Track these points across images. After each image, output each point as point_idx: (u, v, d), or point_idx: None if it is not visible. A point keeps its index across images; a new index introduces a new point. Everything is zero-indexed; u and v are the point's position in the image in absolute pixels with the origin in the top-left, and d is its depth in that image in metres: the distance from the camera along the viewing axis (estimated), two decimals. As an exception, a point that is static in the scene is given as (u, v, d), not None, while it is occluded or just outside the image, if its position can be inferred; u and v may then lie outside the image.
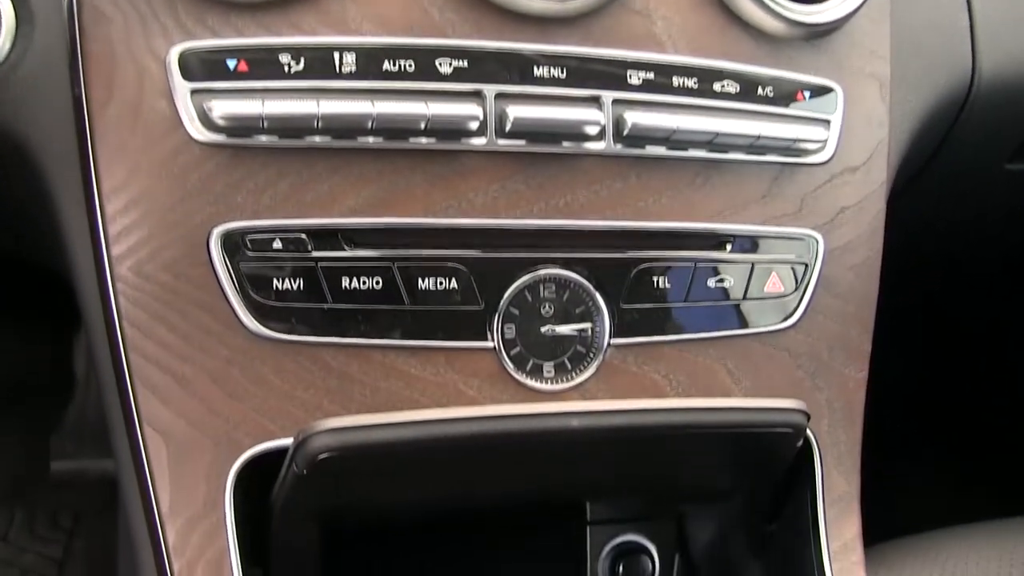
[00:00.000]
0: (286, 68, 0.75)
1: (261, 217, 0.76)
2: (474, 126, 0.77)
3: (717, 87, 0.84)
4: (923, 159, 1.04)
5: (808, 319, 0.88)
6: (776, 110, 0.86)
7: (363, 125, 0.75)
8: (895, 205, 0.94)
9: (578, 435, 0.79)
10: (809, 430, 0.88)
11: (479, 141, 0.78)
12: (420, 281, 0.78)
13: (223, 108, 0.73)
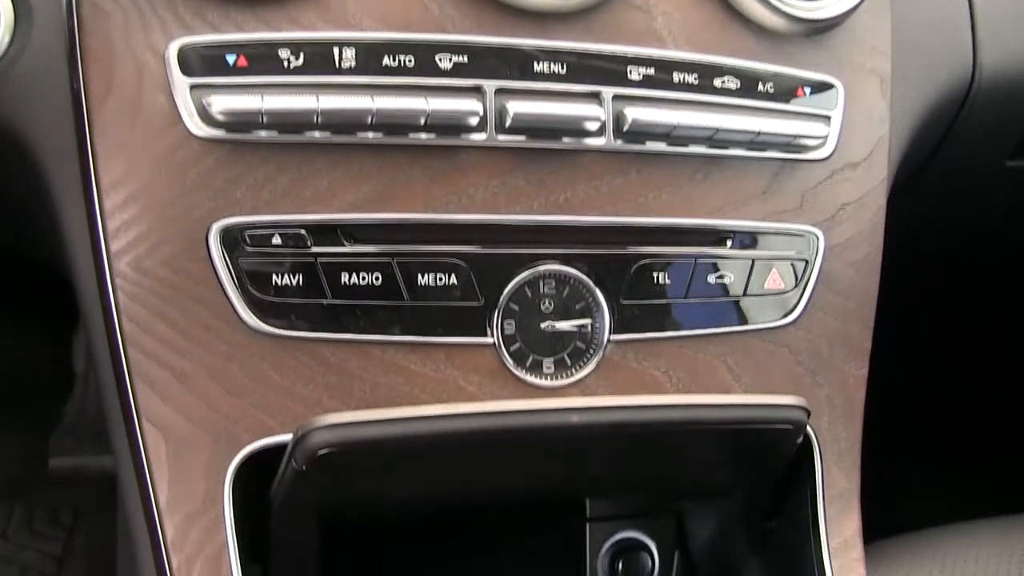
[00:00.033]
0: (286, 63, 0.74)
1: (260, 212, 0.75)
2: (474, 122, 0.77)
3: (717, 83, 0.84)
4: (924, 155, 1.04)
5: (808, 316, 0.88)
6: (776, 106, 0.85)
7: (363, 120, 0.75)
8: (896, 202, 0.94)
9: (578, 431, 0.79)
10: (809, 427, 0.88)
11: (479, 137, 0.78)
12: (420, 277, 0.78)
13: (222, 103, 0.73)
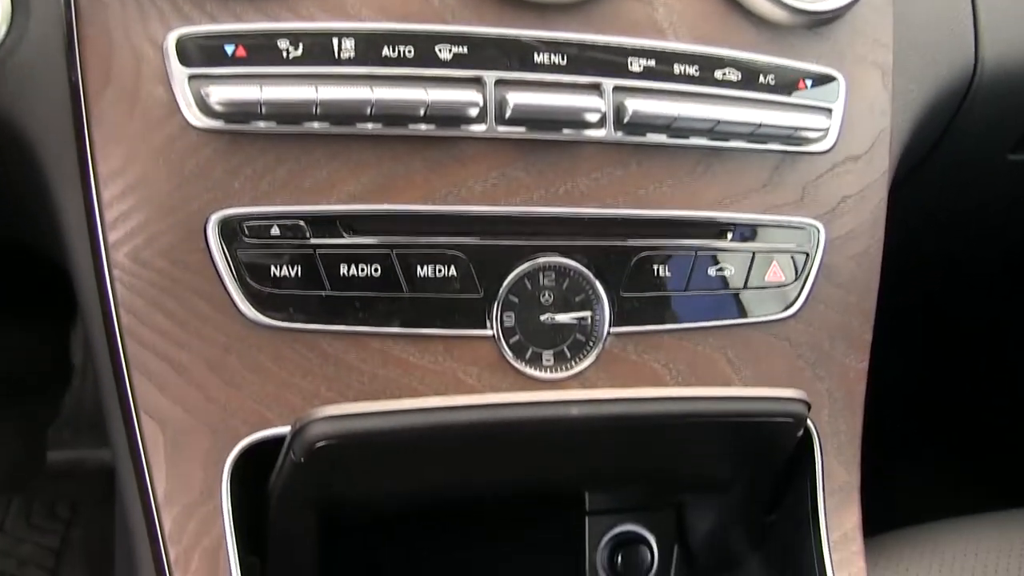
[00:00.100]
0: (284, 54, 0.74)
1: (259, 203, 0.75)
2: (474, 113, 0.77)
3: (718, 75, 0.83)
4: (925, 148, 1.03)
5: (809, 308, 0.88)
6: (778, 98, 0.85)
7: (362, 111, 0.74)
8: (897, 195, 0.94)
9: (577, 423, 0.78)
10: (809, 420, 0.88)
11: (479, 128, 0.78)
12: (419, 268, 0.78)
13: (221, 94, 0.72)
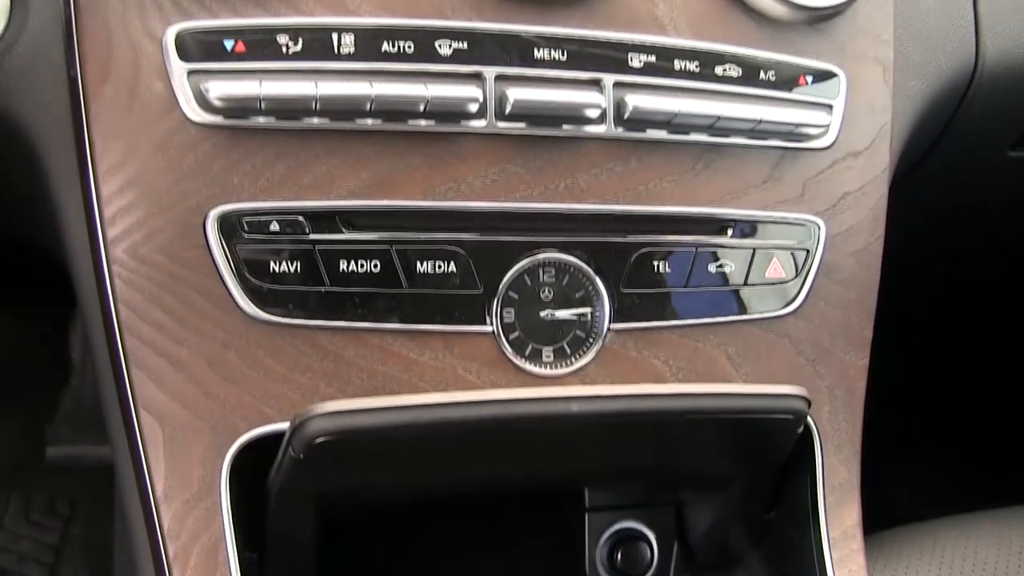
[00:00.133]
0: (284, 49, 0.74)
1: (258, 199, 0.75)
2: (474, 108, 0.76)
3: (719, 71, 0.83)
4: (926, 145, 1.03)
5: (809, 305, 0.88)
6: (778, 94, 0.85)
7: (362, 107, 0.74)
8: (897, 192, 0.94)
9: (577, 420, 0.78)
10: (810, 417, 0.88)
11: (479, 123, 0.77)
12: (418, 264, 0.78)
13: (220, 89, 0.72)
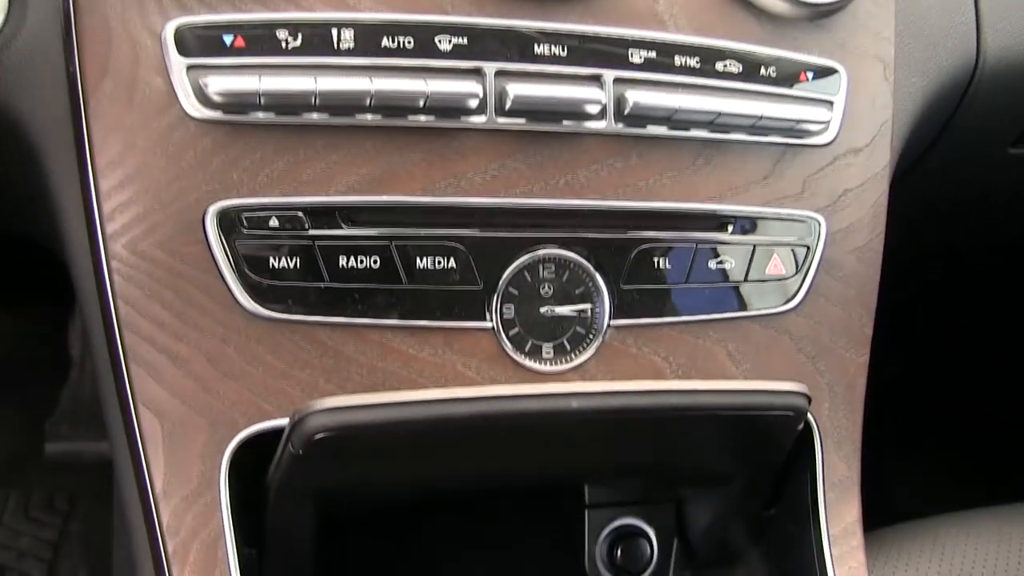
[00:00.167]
0: (283, 44, 0.74)
1: (258, 195, 0.75)
2: (474, 104, 0.76)
3: (719, 67, 0.83)
4: (927, 142, 1.03)
5: (809, 302, 0.88)
6: (779, 91, 0.85)
7: (361, 102, 0.74)
8: (898, 188, 0.93)
9: (577, 416, 0.78)
10: (810, 413, 0.88)
11: (479, 119, 0.77)
12: (418, 260, 0.77)
13: (219, 84, 0.72)
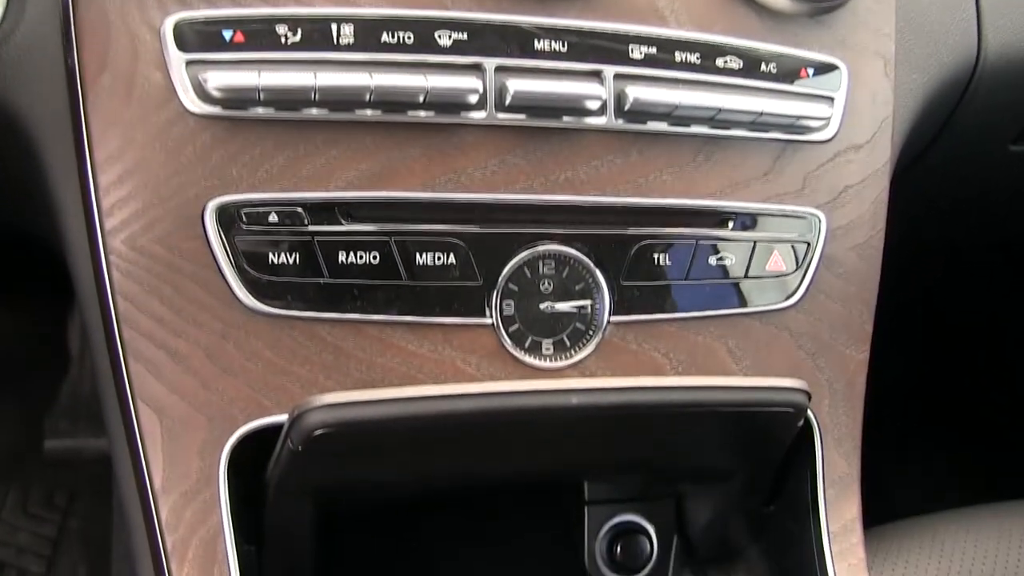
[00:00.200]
0: (283, 39, 0.73)
1: (257, 190, 0.75)
2: (474, 99, 0.76)
3: (720, 63, 0.83)
4: (927, 139, 1.03)
5: (810, 299, 0.88)
6: (779, 87, 0.85)
7: (361, 98, 0.74)
8: (898, 186, 0.93)
9: (577, 413, 0.78)
10: (810, 410, 0.88)
11: (479, 115, 0.77)
12: (418, 256, 0.77)
13: (219, 79, 0.72)
